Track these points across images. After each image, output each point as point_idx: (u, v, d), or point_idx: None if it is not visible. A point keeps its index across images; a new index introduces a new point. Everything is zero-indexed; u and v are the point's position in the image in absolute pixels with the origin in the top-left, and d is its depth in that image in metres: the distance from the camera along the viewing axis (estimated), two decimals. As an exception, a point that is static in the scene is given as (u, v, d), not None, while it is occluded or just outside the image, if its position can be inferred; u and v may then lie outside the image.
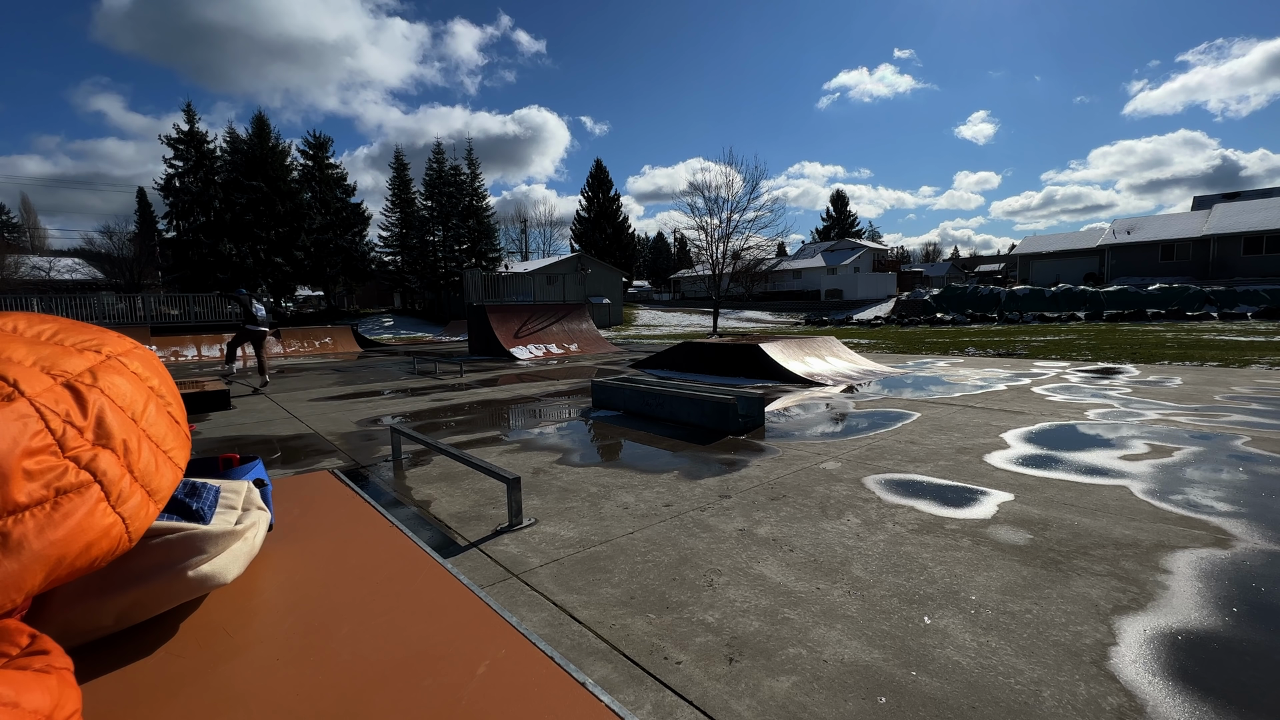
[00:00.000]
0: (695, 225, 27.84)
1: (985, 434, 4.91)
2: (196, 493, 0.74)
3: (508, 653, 0.62)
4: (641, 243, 74.55)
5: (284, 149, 34.10)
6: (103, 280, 33.35)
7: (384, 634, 0.65)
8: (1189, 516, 3.00)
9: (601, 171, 52.04)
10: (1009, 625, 2.06)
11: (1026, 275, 38.78)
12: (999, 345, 13.79)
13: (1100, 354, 11.27)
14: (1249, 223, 30.86)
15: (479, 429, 5.89)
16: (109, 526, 0.51)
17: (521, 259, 50.71)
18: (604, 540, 2.92)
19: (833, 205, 65.86)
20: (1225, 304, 24.10)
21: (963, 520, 3.05)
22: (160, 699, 0.55)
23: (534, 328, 16.25)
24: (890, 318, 28.96)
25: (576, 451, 4.82)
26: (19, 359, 0.51)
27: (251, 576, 0.76)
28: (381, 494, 3.86)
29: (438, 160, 37.58)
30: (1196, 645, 1.92)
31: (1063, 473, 3.79)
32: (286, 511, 1.01)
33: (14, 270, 28.90)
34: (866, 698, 1.71)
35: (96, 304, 20.94)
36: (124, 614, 0.61)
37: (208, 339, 19.14)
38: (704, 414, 5.47)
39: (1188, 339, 13.92)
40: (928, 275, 56.77)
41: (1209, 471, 3.74)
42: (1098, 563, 2.51)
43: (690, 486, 3.74)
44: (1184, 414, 5.52)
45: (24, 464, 0.45)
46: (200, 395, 7.52)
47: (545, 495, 3.65)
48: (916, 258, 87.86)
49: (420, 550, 0.87)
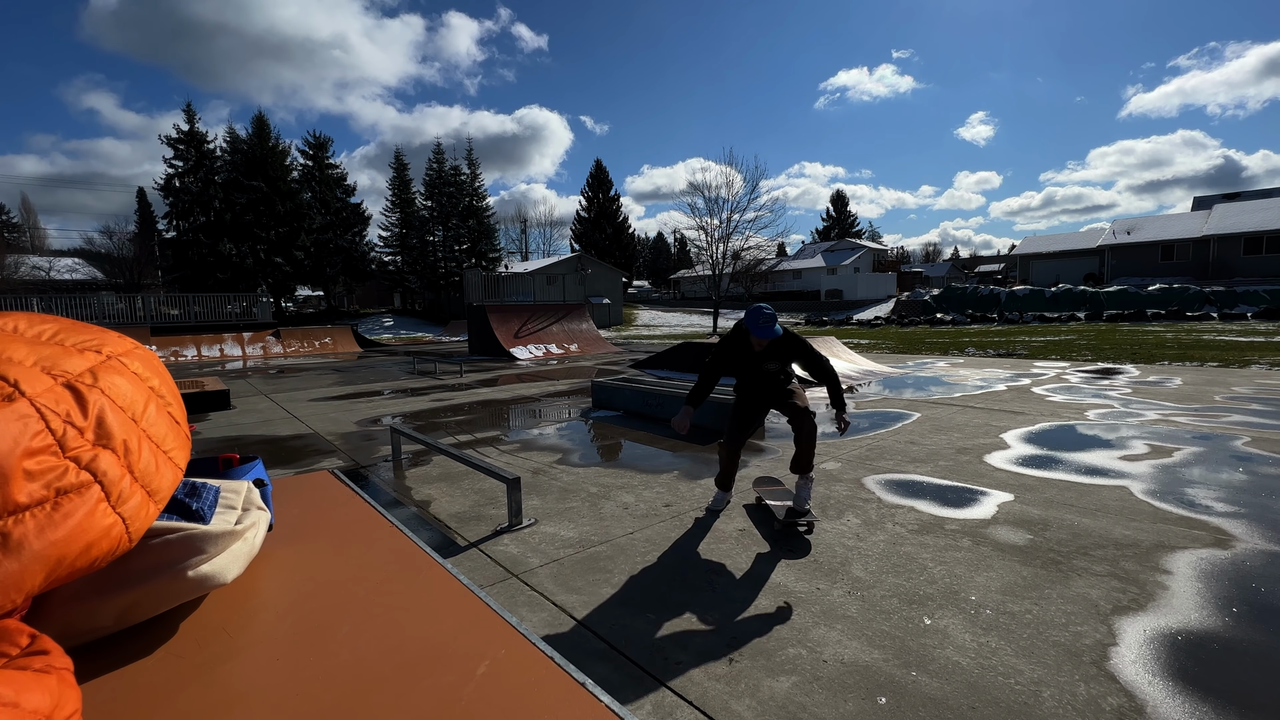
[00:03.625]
0: (695, 225, 27.88)
1: (985, 434, 4.91)
2: (196, 493, 0.74)
3: (508, 653, 0.62)
4: (641, 243, 74.58)
5: (284, 149, 34.09)
6: (103, 280, 33.34)
7: (384, 634, 0.65)
8: (1189, 517, 3.00)
9: (601, 171, 52.06)
10: (1009, 625, 2.06)
11: (1026, 275, 38.79)
12: (999, 345, 13.79)
13: (1100, 354, 11.27)
14: (1249, 223, 30.86)
15: (479, 429, 5.89)
16: (109, 527, 0.51)
17: (521, 259, 50.71)
18: (604, 540, 2.92)
19: (833, 205, 65.90)
20: (1225, 304, 24.09)
21: (963, 520, 3.05)
22: (160, 699, 0.55)
23: (534, 328, 16.25)
24: (890, 318, 28.96)
25: (576, 451, 4.82)
26: (20, 359, 0.51)
27: (251, 576, 0.76)
28: (381, 494, 3.86)
29: (438, 160, 37.59)
30: (1196, 645, 1.92)
31: (1063, 473, 3.79)
32: (286, 511, 1.01)
33: (14, 270, 28.89)
34: (866, 698, 1.71)
35: (96, 304, 20.93)
36: (124, 614, 0.61)
37: (208, 339, 19.14)
38: (704, 414, 5.46)
39: (1188, 339, 13.92)
40: (928, 275, 56.77)
41: (1209, 472, 3.74)
42: (1098, 563, 2.51)
43: (690, 486, 3.74)
44: (1184, 414, 5.52)
45: (25, 464, 0.45)
46: (200, 395, 7.52)
47: (545, 495, 3.65)
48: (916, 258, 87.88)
49: (420, 550, 0.87)
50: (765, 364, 3.15)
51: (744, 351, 3.16)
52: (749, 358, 3.15)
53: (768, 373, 3.18)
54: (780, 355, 3.16)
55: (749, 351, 3.14)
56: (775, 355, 3.14)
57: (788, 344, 3.14)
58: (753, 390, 3.24)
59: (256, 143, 33.02)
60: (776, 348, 3.13)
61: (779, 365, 3.17)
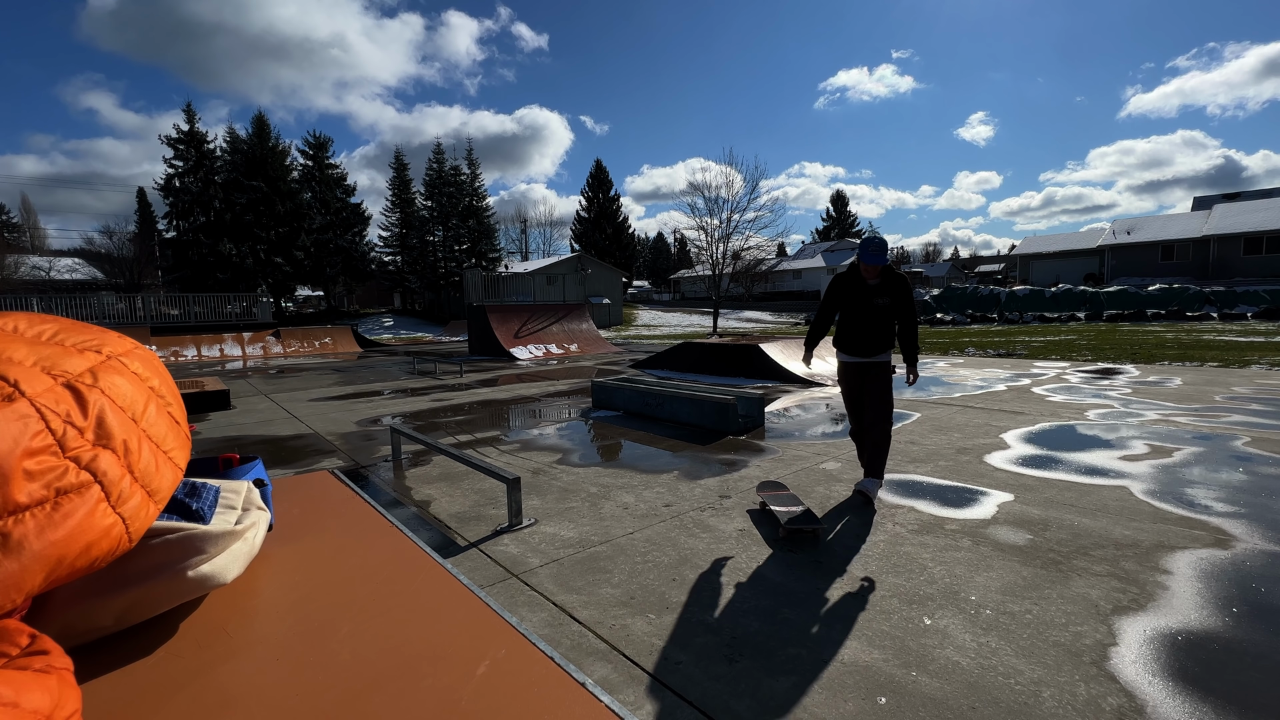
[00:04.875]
0: (695, 225, 27.83)
1: (985, 434, 4.91)
2: (196, 493, 0.74)
3: (508, 653, 0.62)
4: (641, 243, 74.51)
5: (284, 149, 34.09)
6: (103, 280, 33.32)
7: (384, 634, 0.65)
8: (1189, 517, 3.00)
9: (601, 171, 52.07)
10: (1009, 625, 2.06)
11: (1026, 275, 38.78)
12: (999, 345, 13.79)
13: (1100, 354, 11.27)
14: (1249, 223, 30.85)
15: (479, 429, 5.89)
16: (109, 527, 0.51)
17: (521, 259, 50.67)
18: (604, 540, 2.92)
19: (833, 205, 65.87)
20: (1225, 304, 24.08)
21: (963, 520, 3.05)
22: (160, 699, 0.55)
23: (534, 328, 16.25)
24: (890, 318, 28.94)
25: (576, 451, 4.82)
26: (20, 359, 0.51)
27: (251, 576, 0.76)
28: (381, 494, 3.86)
29: (438, 160, 37.59)
30: (1196, 646, 1.92)
31: (1063, 473, 3.79)
32: (286, 511, 1.01)
33: (14, 270, 28.88)
34: (866, 698, 1.71)
35: (96, 304, 20.93)
36: (124, 614, 0.61)
37: (208, 339, 19.14)
38: (704, 414, 5.47)
39: (1188, 339, 13.92)
40: (928, 275, 56.77)
41: (1209, 472, 3.74)
42: (1098, 563, 2.51)
43: (690, 487, 3.74)
44: (1184, 414, 5.52)
45: (25, 464, 0.45)
46: (200, 395, 7.52)
47: (545, 495, 3.65)
48: (917, 258, 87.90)
49: (420, 550, 0.87)
50: (875, 299, 3.41)
51: (856, 287, 3.45)
52: (861, 292, 3.43)
53: (877, 308, 3.41)
54: (890, 291, 3.42)
55: (861, 286, 3.43)
56: (885, 290, 3.42)
57: (897, 280, 3.44)
58: (861, 329, 3.46)
59: (256, 143, 33.03)
60: (887, 282, 3.41)
61: (888, 301, 3.42)
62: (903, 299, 3.42)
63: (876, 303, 3.39)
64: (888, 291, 3.40)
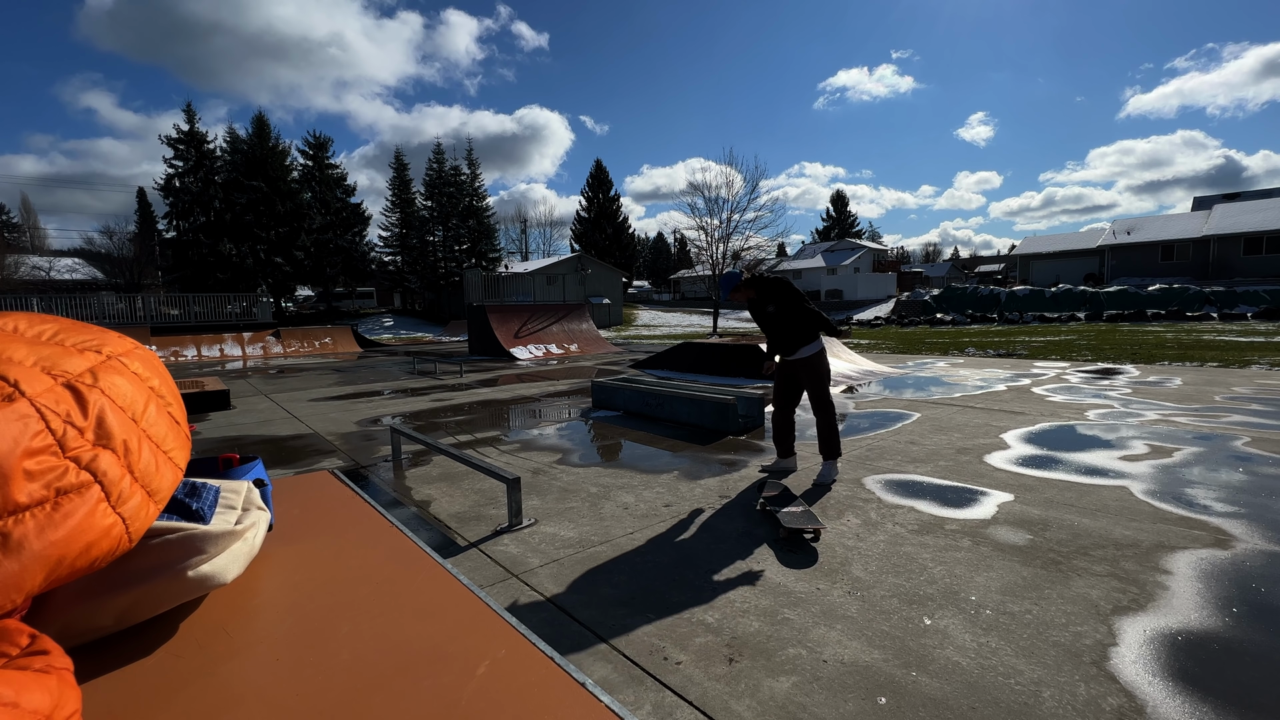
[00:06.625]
0: (695, 225, 27.80)
1: (985, 434, 4.91)
2: (196, 493, 0.74)
3: (508, 653, 0.62)
4: (641, 243, 74.52)
5: (284, 149, 34.09)
6: (103, 280, 33.31)
7: (384, 634, 0.65)
8: (1189, 517, 3.00)
9: (601, 171, 52.05)
10: (1009, 626, 2.06)
11: (1026, 276, 38.78)
12: (999, 345, 13.79)
13: (1100, 354, 11.27)
14: (1249, 223, 30.84)
15: (479, 429, 5.89)
16: (109, 527, 0.51)
17: (521, 259, 50.68)
18: (604, 540, 2.92)
19: (833, 205, 65.88)
20: (1225, 304, 24.07)
21: (963, 520, 3.05)
22: (160, 699, 0.55)
23: (534, 328, 16.25)
24: (890, 318, 28.95)
25: (576, 451, 4.82)
26: (20, 359, 0.51)
27: (251, 576, 0.76)
28: (381, 494, 3.86)
29: (438, 160, 37.58)
30: (1197, 646, 1.92)
31: (1063, 473, 3.79)
32: (286, 511, 1.01)
33: (14, 270, 28.88)
34: (866, 698, 1.71)
35: (96, 304, 20.92)
36: (124, 614, 0.61)
37: (208, 339, 19.13)
38: (704, 414, 5.47)
39: (1188, 339, 13.92)
40: (928, 275, 56.79)
41: (1209, 472, 3.74)
42: (1098, 563, 2.51)
43: (690, 487, 3.74)
44: (1184, 414, 5.52)
45: (25, 464, 0.45)
46: (200, 395, 7.52)
47: (545, 495, 3.65)
48: (916, 258, 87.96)
49: (420, 550, 0.87)
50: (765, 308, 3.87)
51: (751, 304, 3.94)
52: (755, 307, 3.91)
53: (770, 315, 3.83)
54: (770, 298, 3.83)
55: (753, 303, 3.91)
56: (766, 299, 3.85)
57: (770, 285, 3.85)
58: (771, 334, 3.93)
59: (256, 143, 33.03)
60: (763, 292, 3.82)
61: (774, 307, 3.82)
62: (781, 298, 3.78)
63: (767, 310, 3.82)
64: (769, 299, 3.80)
